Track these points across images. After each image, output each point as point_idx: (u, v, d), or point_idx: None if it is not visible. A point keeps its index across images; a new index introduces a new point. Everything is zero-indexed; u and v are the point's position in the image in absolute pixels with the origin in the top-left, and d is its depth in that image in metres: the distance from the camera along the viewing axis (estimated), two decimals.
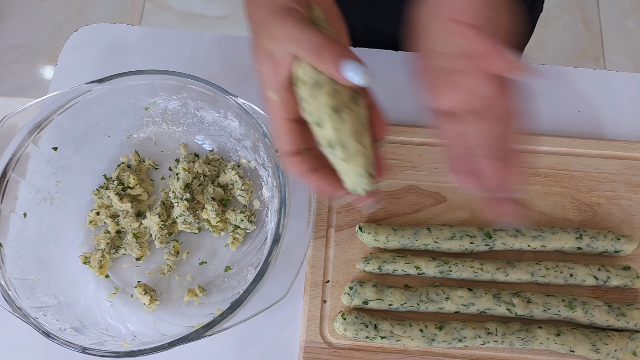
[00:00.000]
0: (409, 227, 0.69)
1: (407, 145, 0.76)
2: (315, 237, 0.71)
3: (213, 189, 0.71)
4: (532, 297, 0.66)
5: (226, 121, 0.70)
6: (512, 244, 0.68)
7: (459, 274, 0.67)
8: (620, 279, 0.67)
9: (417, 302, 0.66)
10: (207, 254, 0.71)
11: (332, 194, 0.49)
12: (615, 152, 0.75)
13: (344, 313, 0.65)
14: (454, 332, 0.64)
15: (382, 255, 0.68)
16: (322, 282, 0.69)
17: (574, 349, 0.64)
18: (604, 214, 0.72)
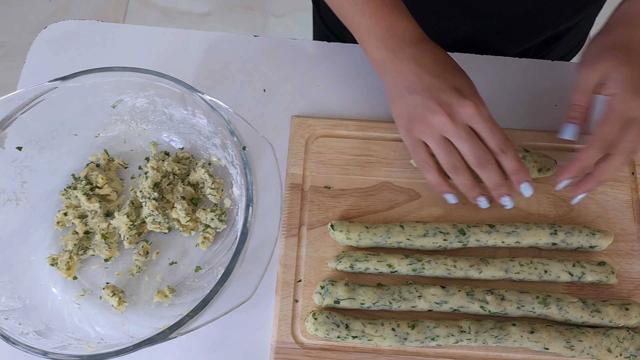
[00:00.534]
0: (381, 224, 0.68)
1: (380, 141, 0.74)
2: (287, 236, 0.70)
3: (183, 188, 0.70)
4: (506, 295, 0.65)
5: (195, 119, 0.69)
6: (486, 241, 0.67)
7: (432, 271, 0.66)
8: (595, 275, 0.66)
9: (390, 301, 0.65)
10: (178, 254, 0.70)
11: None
12: None
13: (315, 313, 0.64)
14: (427, 330, 0.63)
15: (354, 253, 0.67)
16: (294, 282, 0.68)
17: (548, 346, 0.63)
18: (579, 209, 0.71)
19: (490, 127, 0.62)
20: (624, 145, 0.61)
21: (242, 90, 0.79)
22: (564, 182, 0.65)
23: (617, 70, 0.62)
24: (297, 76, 0.80)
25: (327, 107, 0.78)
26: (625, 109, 0.61)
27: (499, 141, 0.62)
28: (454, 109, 0.61)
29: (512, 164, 0.62)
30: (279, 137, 0.76)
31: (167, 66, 0.79)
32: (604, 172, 0.63)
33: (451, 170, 0.63)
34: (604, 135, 0.62)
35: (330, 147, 0.74)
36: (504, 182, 0.63)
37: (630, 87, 0.61)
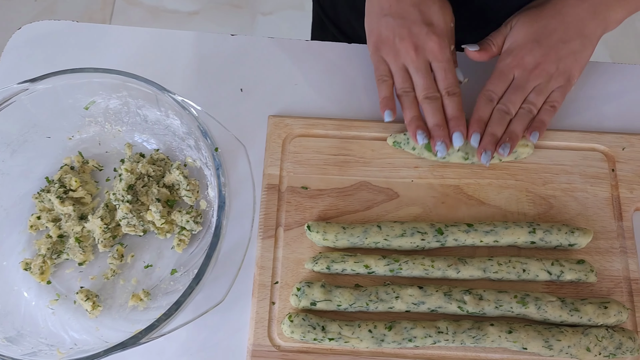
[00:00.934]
0: (358, 224, 0.67)
1: (358, 141, 0.74)
2: (264, 237, 0.69)
3: (158, 190, 0.69)
4: (484, 294, 0.64)
5: (168, 120, 0.68)
6: (464, 240, 0.67)
7: (410, 271, 0.66)
8: (574, 274, 0.65)
9: (366, 302, 0.64)
10: (153, 257, 0.69)
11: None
12: (571, 143, 0.74)
13: (291, 315, 0.64)
14: (404, 331, 0.63)
15: (330, 254, 0.66)
16: (270, 284, 0.67)
17: (526, 346, 0.62)
18: (559, 207, 0.71)
19: (445, 68, 0.68)
20: (502, 105, 0.68)
21: (219, 90, 0.78)
22: (473, 136, 0.67)
23: (518, 24, 0.69)
24: (275, 75, 0.79)
25: (305, 106, 0.77)
26: (506, 66, 0.69)
27: (449, 83, 0.68)
28: (420, 42, 0.68)
29: (453, 108, 0.68)
30: (256, 137, 0.75)
31: (143, 66, 0.78)
32: (491, 128, 0.67)
33: (402, 93, 0.69)
34: (485, 87, 0.70)
35: (307, 146, 0.73)
36: (443, 124, 0.67)
37: (515, 49, 0.68)
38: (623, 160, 0.72)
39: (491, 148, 0.67)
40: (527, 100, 0.69)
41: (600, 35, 0.69)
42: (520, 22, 0.69)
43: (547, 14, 0.68)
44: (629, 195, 0.71)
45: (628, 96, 0.78)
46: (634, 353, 0.62)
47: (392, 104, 0.69)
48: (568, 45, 0.68)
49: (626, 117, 0.76)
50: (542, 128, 0.69)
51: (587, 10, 0.67)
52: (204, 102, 0.76)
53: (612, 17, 0.68)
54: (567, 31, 0.67)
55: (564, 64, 0.68)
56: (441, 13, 0.69)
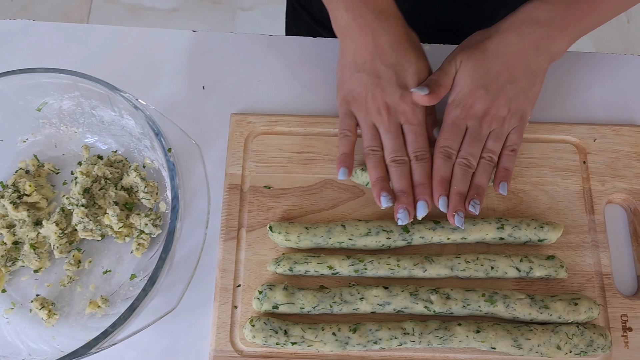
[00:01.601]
0: (322, 224, 0.65)
1: (323, 137, 0.72)
2: (226, 239, 0.67)
3: (115, 193, 0.67)
4: (452, 293, 0.62)
5: (123, 120, 0.66)
6: (431, 238, 0.65)
7: (375, 271, 0.64)
8: (544, 270, 0.63)
9: (330, 304, 0.62)
10: (112, 262, 0.67)
11: None
12: (541, 136, 0.72)
13: (252, 319, 0.62)
14: (369, 333, 0.61)
15: (293, 255, 0.64)
16: (232, 287, 0.65)
17: (494, 345, 0.60)
18: (529, 201, 0.69)
19: (417, 131, 0.65)
20: (462, 159, 0.64)
21: (180, 89, 0.76)
22: (440, 200, 0.63)
23: (462, 70, 0.65)
24: (238, 72, 0.77)
25: (268, 103, 0.75)
26: (457, 117, 0.65)
27: (418, 147, 0.65)
28: (393, 104, 0.65)
29: (420, 174, 0.64)
30: (219, 136, 0.73)
31: (101, 66, 0.75)
32: (457, 187, 0.63)
33: (369, 152, 0.66)
34: (440, 143, 0.65)
35: (270, 144, 0.71)
36: (408, 190, 0.64)
37: (462, 99, 0.65)
38: (594, 152, 0.71)
39: (461, 208, 0.63)
40: (486, 149, 0.65)
41: (546, 67, 0.66)
42: (464, 67, 0.65)
43: (490, 56, 0.64)
44: (600, 188, 0.69)
45: (599, 86, 0.76)
46: (606, 350, 0.61)
47: (349, 161, 0.65)
48: (516, 85, 0.64)
49: (597, 107, 0.75)
50: (509, 176, 0.65)
51: (530, 46, 0.64)
52: (165, 101, 0.75)
53: (556, 49, 0.65)
54: (513, 71, 0.64)
55: (515, 104, 0.65)
56: (416, 75, 0.65)
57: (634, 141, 0.71)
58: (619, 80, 0.76)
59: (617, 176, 0.69)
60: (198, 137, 0.72)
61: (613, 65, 0.77)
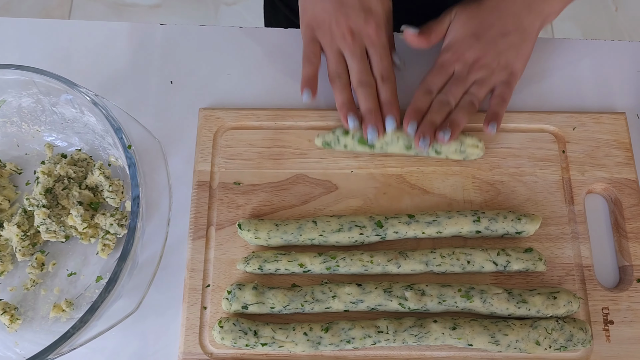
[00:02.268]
0: (292, 220, 0.63)
1: (294, 131, 0.69)
2: (194, 238, 0.65)
3: (79, 193, 0.65)
4: (427, 289, 0.60)
5: (84, 117, 0.63)
6: (406, 232, 0.63)
7: (348, 268, 0.62)
8: (522, 263, 0.61)
9: (301, 303, 0.60)
10: (77, 264, 0.65)
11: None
12: (519, 125, 0.70)
13: (221, 320, 0.60)
14: (342, 333, 0.59)
15: (263, 254, 0.62)
16: (201, 287, 0.63)
17: (471, 342, 0.59)
18: (507, 193, 0.67)
19: (381, 53, 0.66)
20: (441, 96, 0.65)
21: (148, 84, 0.73)
22: (410, 124, 0.64)
23: (456, 19, 0.67)
24: (207, 66, 0.74)
25: (238, 97, 0.73)
26: (446, 60, 0.66)
27: (383, 68, 0.66)
28: (357, 28, 0.66)
29: (386, 93, 0.65)
30: (188, 132, 0.70)
31: (65, 61, 0.74)
32: (430, 116, 0.64)
33: (335, 76, 0.66)
34: (423, 81, 0.67)
35: (239, 139, 0.69)
36: (376, 109, 0.64)
37: (454, 45, 0.67)
38: (574, 141, 0.69)
39: (429, 133, 0.63)
40: (469, 92, 0.66)
41: (538, 28, 0.67)
42: (458, 16, 0.67)
43: (484, 9, 0.67)
44: (580, 178, 0.67)
45: (578, 73, 0.74)
46: (586, 344, 0.59)
47: (313, 84, 0.66)
48: (507, 39, 0.66)
49: (576, 95, 0.72)
50: (498, 119, 0.65)
51: (523, 4, 0.66)
52: (131, 96, 0.72)
53: (548, 10, 0.67)
54: (505, 25, 0.66)
55: (505, 57, 0.66)
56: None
57: (614, 129, 0.69)
58: (598, 67, 0.74)
59: (597, 165, 0.68)
60: (166, 133, 0.70)
61: (592, 51, 0.75)
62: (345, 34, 0.66)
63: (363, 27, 0.66)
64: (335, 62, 0.67)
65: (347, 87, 0.66)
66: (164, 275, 0.65)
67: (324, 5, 0.66)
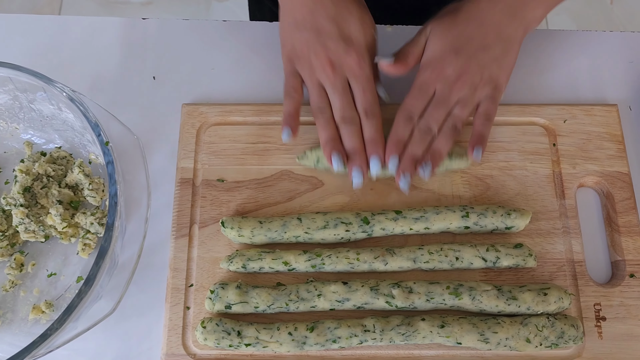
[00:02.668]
0: (277, 218, 0.62)
1: (279, 126, 0.68)
2: (177, 236, 0.63)
3: (59, 191, 0.63)
4: (414, 287, 0.59)
5: (62, 113, 0.62)
6: (393, 229, 0.61)
7: (334, 266, 0.60)
8: (511, 259, 0.60)
9: (286, 302, 0.59)
10: (58, 264, 0.63)
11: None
12: (509, 118, 0.68)
13: (203, 321, 0.58)
14: (327, 332, 0.58)
15: (247, 252, 0.61)
16: (185, 287, 0.62)
17: (460, 340, 0.57)
18: (496, 187, 0.65)
19: (364, 87, 0.61)
20: (423, 123, 0.61)
21: (129, 80, 0.72)
22: (390, 159, 0.60)
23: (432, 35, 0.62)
24: (191, 60, 0.73)
25: (223, 92, 0.71)
26: (426, 80, 0.61)
27: (367, 104, 0.61)
28: (336, 59, 0.61)
29: (370, 130, 0.61)
30: (171, 129, 0.69)
31: (45, 57, 0.72)
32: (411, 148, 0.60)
33: (317, 111, 0.62)
34: (403, 105, 0.62)
35: (223, 135, 0.67)
36: (360, 149, 0.61)
37: (433, 60, 0.61)
38: (565, 134, 0.67)
39: (410, 170, 0.60)
40: (452, 114, 0.61)
41: (521, 37, 0.62)
42: (434, 31, 0.62)
43: (462, 21, 0.61)
44: (571, 171, 0.66)
45: (568, 65, 0.72)
46: (577, 341, 0.58)
47: (293, 122, 0.62)
48: (489, 52, 0.61)
49: (567, 87, 0.71)
50: (484, 143, 0.61)
51: (503, 12, 0.61)
52: (114, 93, 0.71)
53: (531, 16, 0.62)
54: (486, 37, 0.61)
55: (488, 71, 0.61)
56: (360, 26, 0.62)
57: (605, 121, 0.68)
58: (589, 58, 0.73)
59: (588, 158, 0.66)
60: (149, 129, 0.69)
61: (583, 42, 0.73)
62: (325, 66, 0.61)
63: (343, 58, 0.61)
64: (317, 96, 0.62)
65: (330, 122, 0.62)
66: (147, 275, 0.63)
67: (302, 36, 0.62)
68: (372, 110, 0.61)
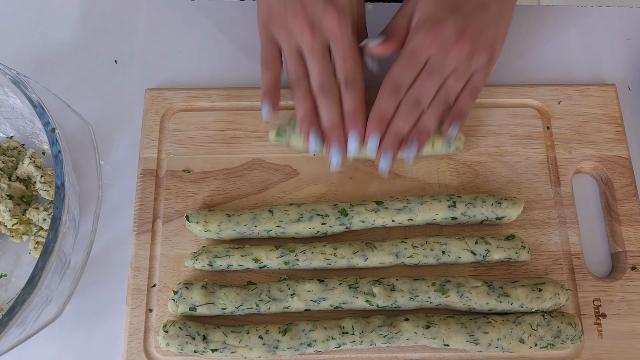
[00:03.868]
0: (247, 210, 0.57)
1: (250, 112, 0.63)
2: (139, 232, 0.58)
3: (8, 185, 0.58)
4: (397, 284, 0.54)
5: (10, 99, 0.56)
6: (373, 221, 0.56)
7: (309, 263, 0.55)
8: (503, 252, 0.55)
9: (256, 303, 0.54)
10: (9, 264, 0.58)
11: None
12: (498, 100, 0.63)
13: (166, 324, 0.53)
14: (302, 335, 0.52)
15: (213, 248, 0.56)
16: (147, 287, 0.56)
17: (448, 342, 0.52)
18: (486, 175, 0.60)
19: (345, 52, 0.54)
20: (411, 95, 0.54)
21: (89, 64, 0.66)
22: (371, 137, 0.54)
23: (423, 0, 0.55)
24: (155, 43, 0.67)
25: (190, 76, 0.66)
26: (418, 45, 0.54)
27: (347, 71, 0.54)
28: (316, 19, 0.54)
29: (350, 102, 0.54)
30: (134, 116, 0.64)
31: None
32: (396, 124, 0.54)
33: (294, 82, 0.56)
34: (389, 74, 0.54)
35: (190, 122, 0.62)
36: (339, 124, 0.54)
37: (427, 21, 0.54)
38: (559, 116, 0.62)
39: (393, 149, 0.54)
40: (445, 86, 0.54)
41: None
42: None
43: None
44: (567, 156, 0.61)
45: (563, 42, 0.67)
46: (576, 341, 0.53)
47: (273, 95, 0.55)
48: (487, 12, 0.54)
49: (561, 66, 0.66)
50: (463, 119, 0.55)
51: None
52: (71, 78, 0.66)
53: None
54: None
55: (487, 34, 0.54)
56: None
57: (603, 102, 0.63)
58: (584, 35, 0.68)
59: (585, 142, 0.61)
60: (110, 117, 0.64)
61: (578, 18, 0.68)
62: (303, 27, 0.54)
63: (322, 18, 0.54)
64: (294, 64, 0.56)
65: (308, 94, 0.55)
66: (107, 275, 0.58)
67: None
68: (352, 80, 0.54)
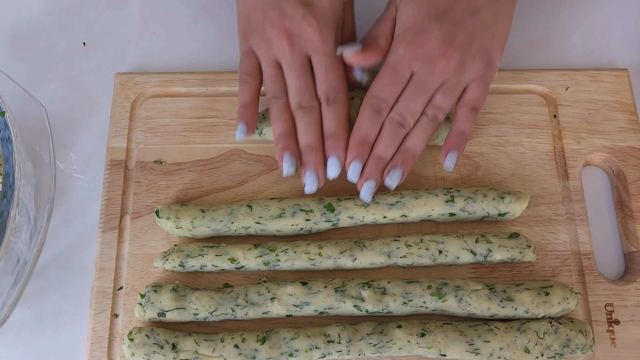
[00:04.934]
0: (223, 205, 0.51)
1: (229, 98, 0.58)
2: (105, 230, 0.53)
3: None
4: (389, 287, 0.49)
5: None
6: (362, 217, 0.51)
7: (291, 263, 0.50)
8: (506, 252, 0.50)
9: (232, 308, 0.48)
10: None
11: None
12: (501, 86, 0.58)
13: (131, 332, 0.48)
14: (282, 344, 0.47)
15: (186, 247, 0.50)
16: (112, 290, 0.51)
17: (444, 351, 0.47)
18: (487, 167, 0.55)
19: (327, 66, 0.50)
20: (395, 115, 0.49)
21: (55, 46, 0.61)
22: (351, 165, 0.49)
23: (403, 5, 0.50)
24: (128, 24, 0.62)
25: (165, 59, 0.61)
26: (400, 58, 0.49)
27: (328, 87, 0.50)
28: (295, 28, 0.50)
29: (330, 123, 0.50)
30: (103, 102, 0.59)
31: None
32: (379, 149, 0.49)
33: (270, 98, 0.51)
34: (370, 92, 0.50)
35: (163, 109, 0.57)
36: (317, 145, 0.49)
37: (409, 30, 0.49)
38: (567, 103, 0.57)
39: (376, 177, 0.49)
40: (432, 104, 0.50)
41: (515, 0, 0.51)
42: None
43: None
44: (575, 147, 0.56)
45: (572, 24, 0.63)
46: (587, 350, 0.48)
47: (249, 115, 0.50)
48: (479, 17, 0.49)
49: (570, 49, 0.62)
50: (462, 144, 0.50)
51: None
52: (35, 61, 0.61)
53: None
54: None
55: (479, 41, 0.49)
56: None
57: (614, 88, 0.58)
58: (594, 17, 0.63)
59: (595, 132, 0.56)
60: (77, 104, 0.59)
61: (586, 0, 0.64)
62: (281, 38, 0.49)
63: (302, 27, 0.49)
64: (272, 78, 0.51)
65: (285, 112, 0.50)
66: (70, 277, 0.53)
67: (256, 3, 0.51)
68: (334, 97, 0.50)
